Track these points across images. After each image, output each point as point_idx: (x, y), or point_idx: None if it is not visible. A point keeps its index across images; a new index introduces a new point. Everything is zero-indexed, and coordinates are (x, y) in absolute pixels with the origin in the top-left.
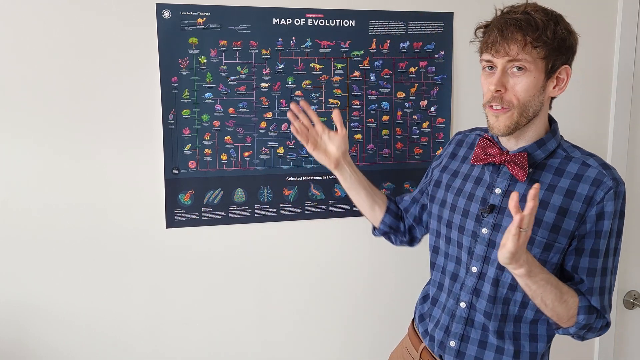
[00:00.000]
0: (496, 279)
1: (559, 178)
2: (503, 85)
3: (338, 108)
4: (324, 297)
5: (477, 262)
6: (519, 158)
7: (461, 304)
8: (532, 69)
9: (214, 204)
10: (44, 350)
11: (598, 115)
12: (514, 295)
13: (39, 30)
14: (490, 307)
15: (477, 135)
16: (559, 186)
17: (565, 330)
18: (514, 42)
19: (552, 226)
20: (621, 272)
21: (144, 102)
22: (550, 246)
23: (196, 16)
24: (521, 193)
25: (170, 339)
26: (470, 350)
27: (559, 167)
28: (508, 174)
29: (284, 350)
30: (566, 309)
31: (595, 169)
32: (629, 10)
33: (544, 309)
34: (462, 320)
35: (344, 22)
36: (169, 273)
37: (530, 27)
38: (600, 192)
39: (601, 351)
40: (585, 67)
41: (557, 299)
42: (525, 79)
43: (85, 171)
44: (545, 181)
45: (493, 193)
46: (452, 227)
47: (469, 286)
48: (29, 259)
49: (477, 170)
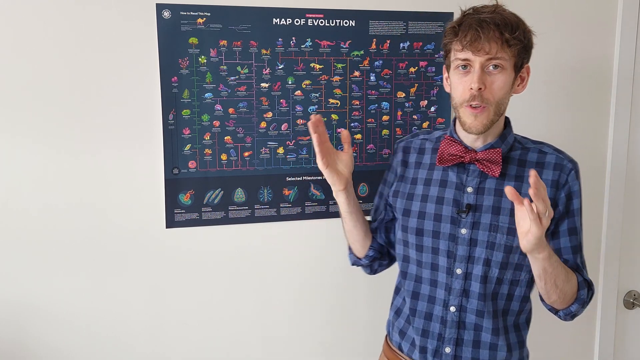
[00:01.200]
0: (484, 276)
1: (523, 168)
2: (483, 83)
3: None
4: (324, 297)
5: (461, 264)
6: (492, 154)
7: (451, 309)
8: (507, 67)
9: (214, 204)
10: (44, 350)
11: (598, 115)
12: (501, 288)
13: (39, 31)
14: (482, 305)
15: (423, 140)
16: (526, 176)
17: (567, 310)
18: (493, 40)
19: None
20: (621, 272)
21: (144, 102)
22: None
23: (196, 16)
24: (493, 188)
25: (170, 339)
26: (465, 352)
27: (520, 158)
28: (477, 172)
29: (284, 350)
30: (571, 287)
31: (552, 154)
32: (629, 10)
33: (552, 292)
34: (455, 325)
35: (344, 22)
36: (169, 273)
37: (507, 26)
38: (564, 175)
39: (601, 351)
40: (585, 67)
41: (565, 278)
42: (501, 77)
43: (85, 171)
44: (512, 173)
45: (465, 192)
46: (424, 234)
47: (457, 289)
48: (29, 259)
49: (439, 173)
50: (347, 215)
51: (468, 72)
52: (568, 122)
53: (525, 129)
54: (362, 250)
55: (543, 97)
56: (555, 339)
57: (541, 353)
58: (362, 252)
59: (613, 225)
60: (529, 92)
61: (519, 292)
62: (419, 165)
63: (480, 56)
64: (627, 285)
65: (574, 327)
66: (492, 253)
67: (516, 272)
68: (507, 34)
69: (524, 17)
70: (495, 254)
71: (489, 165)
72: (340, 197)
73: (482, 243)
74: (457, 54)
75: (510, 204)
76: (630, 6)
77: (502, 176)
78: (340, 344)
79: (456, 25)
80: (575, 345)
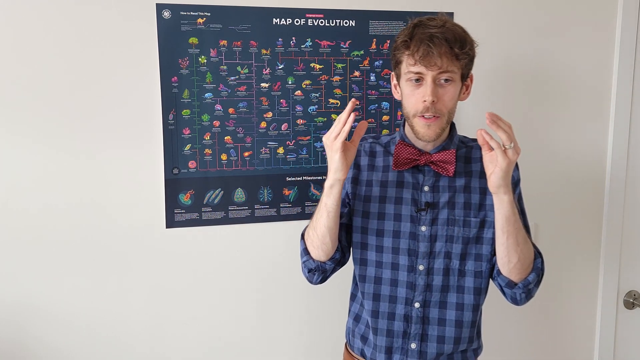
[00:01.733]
0: (446, 268)
1: (469, 164)
2: (436, 95)
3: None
4: (324, 297)
5: (423, 260)
6: (447, 156)
7: (415, 305)
8: (456, 79)
9: (214, 204)
10: (44, 350)
11: (598, 115)
12: (466, 282)
13: (39, 31)
14: (444, 297)
15: (372, 144)
16: (473, 170)
17: (525, 281)
18: (445, 55)
19: (479, 205)
20: (621, 272)
21: (144, 102)
22: (483, 222)
23: (196, 16)
24: (446, 185)
25: (170, 339)
26: (430, 347)
27: (465, 155)
28: (432, 172)
29: (284, 350)
30: (529, 250)
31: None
32: (629, 10)
33: (513, 252)
34: (419, 320)
35: (344, 22)
36: (169, 273)
37: (457, 41)
38: None
39: (601, 351)
40: (585, 67)
41: (525, 237)
42: (452, 89)
43: (86, 171)
44: (460, 170)
45: (422, 191)
46: (384, 234)
47: (421, 285)
48: (29, 259)
49: (394, 174)
50: (333, 211)
51: (420, 84)
52: (568, 122)
53: (526, 131)
54: (330, 252)
55: (544, 99)
56: (555, 339)
57: (541, 353)
58: (330, 254)
59: (613, 225)
60: (530, 92)
61: (483, 284)
62: (373, 168)
63: (432, 70)
64: (627, 285)
65: (574, 327)
66: (452, 246)
67: (477, 263)
68: (457, 49)
69: (524, 20)
70: (454, 247)
71: (443, 166)
72: (336, 188)
73: (442, 237)
74: (409, 67)
75: (463, 198)
76: (630, 6)
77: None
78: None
79: (407, 39)
80: (575, 345)
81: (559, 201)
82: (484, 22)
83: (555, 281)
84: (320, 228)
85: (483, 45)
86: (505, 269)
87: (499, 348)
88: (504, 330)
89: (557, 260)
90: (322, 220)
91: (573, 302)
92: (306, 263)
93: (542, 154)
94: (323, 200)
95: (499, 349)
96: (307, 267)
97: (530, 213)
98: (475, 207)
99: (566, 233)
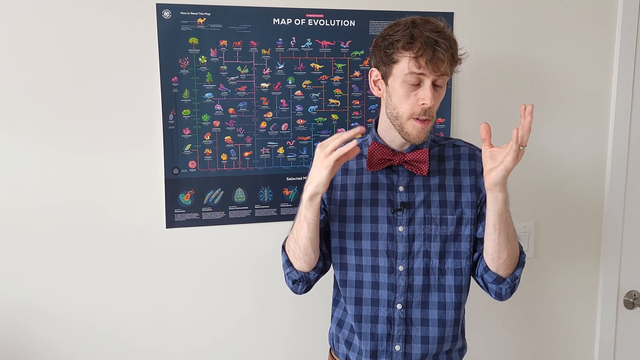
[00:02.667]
0: (426, 268)
1: (443, 163)
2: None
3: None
4: (323, 297)
5: (402, 260)
6: (420, 155)
7: (397, 306)
8: (443, 85)
9: (214, 204)
10: (44, 349)
11: (598, 115)
12: (446, 280)
13: (39, 31)
14: (426, 297)
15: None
16: (447, 168)
17: (512, 276)
18: (445, 60)
19: (455, 203)
20: (621, 272)
21: (144, 102)
22: (460, 220)
23: (196, 16)
24: (421, 184)
25: (170, 339)
26: (415, 348)
27: (439, 154)
28: (406, 172)
29: (284, 350)
30: (516, 246)
31: (464, 147)
32: (629, 10)
33: (503, 247)
34: (402, 322)
35: (344, 22)
36: (169, 273)
37: (455, 47)
38: (479, 164)
39: (601, 351)
40: (586, 67)
41: (514, 233)
42: (442, 93)
43: (86, 171)
44: (434, 169)
45: (397, 192)
46: (362, 237)
47: (401, 285)
48: (30, 259)
49: (368, 177)
50: (313, 222)
51: (418, 86)
52: (568, 122)
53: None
54: (313, 262)
55: (544, 99)
56: (555, 339)
57: (541, 353)
58: (313, 264)
59: (613, 225)
60: (529, 92)
61: (463, 281)
62: (346, 172)
63: (436, 74)
64: (627, 285)
65: (574, 327)
66: (430, 244)
67: (456, 261)
68: (455, 55)
69: (524, 20)
70: (432, 245)
71: (417, 165)
72: (316, 201)
73: (419, 237)
74: (412, 69)
75: (438, 196)
76: (630, 6)
77: (427, 172)
78: None
79: (410, 41)
80: (575, 345)
81: (559, 201)
82: (483, 23)
83: (555, 281)
84: (301, 240)
85: (483, 46)
86: (494, 265)
87: (499, 348)
88: (504, 330)
89: (557, 260)
90: (302, 232)
91: (573, 302)
92: (290, 275)
93: (542, 154)
94: (302, 213)
95: (499, 349)
96: (291, 278)
97: (530, 213)
98: (451, 204)
99: (566, 233)
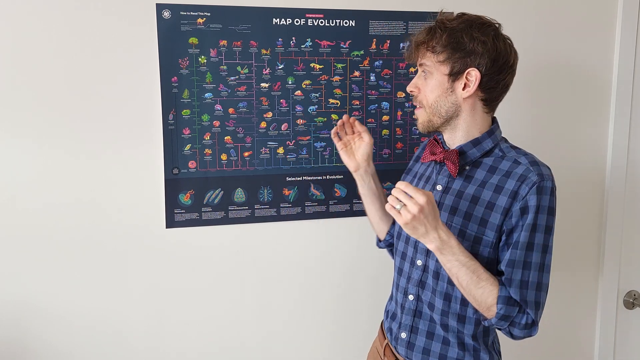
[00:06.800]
0: (436, 272)
1: (491, 175)
2: (416, 87)
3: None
4: (324, 297)
5: (422, 255)
6: (451, 155)
7: (409, 297)
8: (433, 72)
9: (214, 204)
10: (44, 349)
11: (598, 115)
12: (454, 291)
13: (39, 30)
14: (433, 299)
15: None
16: (490, 182)
17: (489, 322)
18: (417, 49)
19: (481, 220)
20: (621, 272)
21: (144, 102)
22: (479, 239)
23: (196, 16)
24: (457, 189)
25: (170, 339)
26: (419, 341)
27: (493, 164)
28: (447, 172)
29: (284, 350)
30: (483, 296)
31: (524, 165)
32: (629, 10)
33: (462, 291)
34: (411, 312)
35: (344, 22)
36: (169, 273)
37: (432, 34)
38: (524, 187)
39: (601, 351)
40: (585, 67)
41: (473, 282)
42: (430, 82)
43: (86, 171)
44: (478, 177)
45: (435, 190)
46: None
47: (415, 279)
48: (29, 259)
49: (429, 170)
50: (362, 198)
51: None
52: (569, 123)
53: (526, 130)
54: (379, 233)
55: (544, 99)
56: (555, 339)
57: (541, 353)
58: (381, 235)
59: (613, 225)
60: (530, 93)
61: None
62: (418, 159)
63: (410, 61)
64: (627, 285)
65: (574, 327)
66: None
67: None
68: (430, 42)
69: (524, 19)
70: None
71: (450, 165)
72: (355, 177)
73: None
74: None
75: (466, 207)
76: (630, 6)
77: (468, 179)
78: (340, 344)
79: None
80: (575, 345)
81: (559, 201)
82: None
83: (555, 281)
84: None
85: None
86: None
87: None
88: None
89: (557, 260)
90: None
91: (573, 302)
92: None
93: (541, 154)
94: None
95: None
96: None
97: None
98: (475, 219)
99: (566, 233)
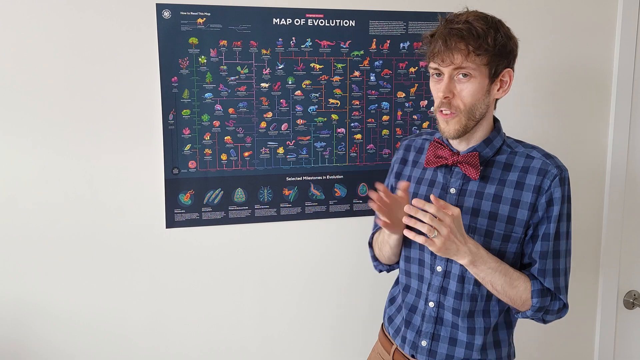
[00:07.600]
0: (461, 276)
1: (507, 172)
2: (451, 91)
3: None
4: (324, 297)
5: (442, 261)
6: (470, 158)
7: (430, 304)
8: (476, 75)
9: (214, 204)
10: (45, 348)
11: (598, 116)
12: (480, 290)
13: (39, 30)
14: (457, 304)
15: (424, 140)
16: (509, 179)
17: (524, 314)
18: (457, 51)
19: (507, 218)
20: (621, 272)
21: (144, 102)
22: (508, 237)
23: (196, 16)
24: (474, 190)
25: (170, 339)
26: (441, 348)
27: (507, 162)
28: (461, 174)
29: (284, 350)
30: (518, 294)
31: (539, 159)
32: (629, 10)
33: (496, 295)
34: (432, 320)
35: (344, 22)
36: (169, 273)
37: (472, 36)
38: (547, 181)
39: (601, 351)
40: (586, 67)
41: (507, 284)
42: (470, 85)
43: (86, 171)
44: (495, 177)
45: (448, 193)
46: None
47: (435, 285)
48: (30, 259)
49: (430, 173)
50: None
51: (441, 79)
52: (569, 123)
53: (526, 130)
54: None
55: (544, 99)
56: (555, 339)
57: (541, 353)
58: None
59: (613, 225)
60: (530, 93)
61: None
62: (415, 164)
63: (446, 66)
64: (627, 285)
65: (574, 327)
66: None
67: None
68: (471, 45)
69: (523, 20)
70: None
71: (469, 168)
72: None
73: None
74: (430, 63)
75: (489, 207)
76: (630, 6)
77: (485, 179)
78: (341, 344)
79: (429, 36)
80: (575, 345)
81: None
82: None
83: None
84: (385, 252)
85: None
86: None
87: None
88: None
89: None
90: (385, 249)
91: (573, 302)
92: (377, 266)
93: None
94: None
95: None
96: (378, 268)
97: None
98: (502, 218)
99: None
